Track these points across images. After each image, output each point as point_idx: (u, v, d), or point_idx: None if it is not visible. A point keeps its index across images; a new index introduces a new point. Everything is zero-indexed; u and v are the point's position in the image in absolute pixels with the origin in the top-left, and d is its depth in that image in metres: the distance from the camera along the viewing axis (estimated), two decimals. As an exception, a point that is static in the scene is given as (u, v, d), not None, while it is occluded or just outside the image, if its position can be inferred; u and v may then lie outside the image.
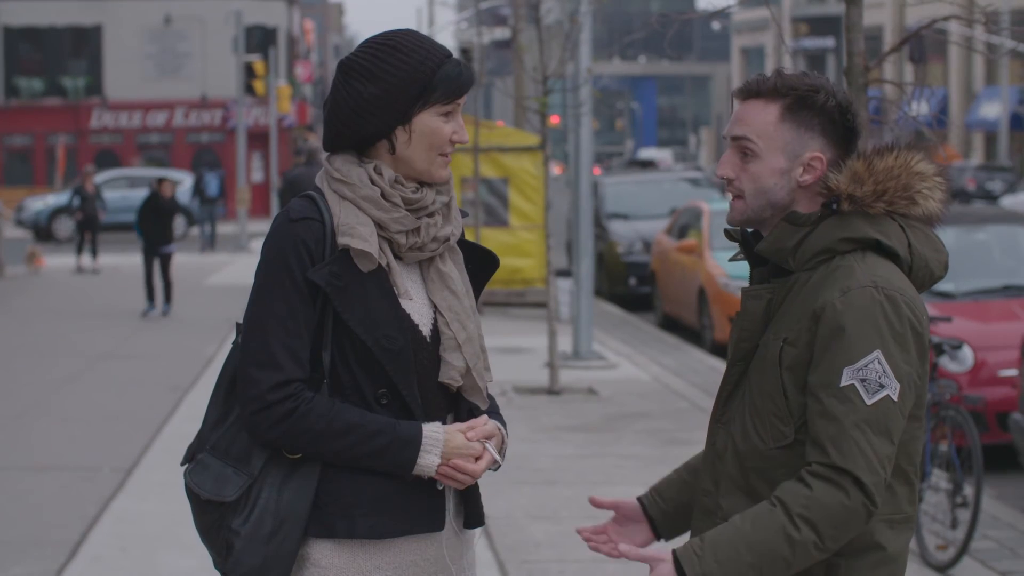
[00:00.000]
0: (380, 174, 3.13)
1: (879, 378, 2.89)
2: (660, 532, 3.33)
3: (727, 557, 2.87)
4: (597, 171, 37.77)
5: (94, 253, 27.39)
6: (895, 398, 2.90)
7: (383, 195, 3.11)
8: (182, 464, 3.23)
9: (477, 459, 3.14)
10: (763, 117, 3.04)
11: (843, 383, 2.89)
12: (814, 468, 2.90)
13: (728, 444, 3.08)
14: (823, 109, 3.02)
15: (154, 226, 20.16)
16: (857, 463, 2.86)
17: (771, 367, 3.00)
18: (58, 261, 28.84)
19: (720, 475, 3.10)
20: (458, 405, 3.21)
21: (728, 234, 3.18)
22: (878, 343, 2.90)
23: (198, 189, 34.99)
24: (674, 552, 2.89)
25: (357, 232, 3.07)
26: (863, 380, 2.89)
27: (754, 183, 3.05)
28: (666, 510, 3.31)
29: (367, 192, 3.11)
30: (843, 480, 2.87)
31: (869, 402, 2.88)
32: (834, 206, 3.02)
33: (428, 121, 3.12)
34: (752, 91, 3.07)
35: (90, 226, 27.43)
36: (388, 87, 3.09)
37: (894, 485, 3.00)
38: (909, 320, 2.94)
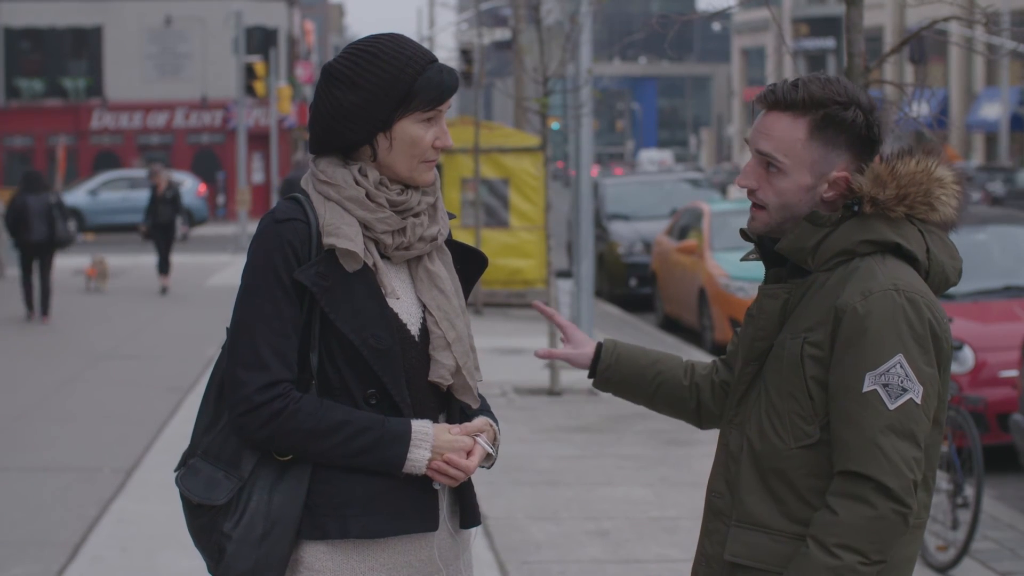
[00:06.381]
0: (365, 176, 3.12)
1: (901, 382, 2.87)
2: (593, 374, 3.41)
3: None
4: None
5: (166, 268, 22.34)
6: (918, 401, 2.89)
7: (368, 196, 3.11)
8: (175, 470, 3.22)
9: (469, 455, 3.12)
10: (791, 134, 2.99)
11: (865, 389, 2.87)
12: (835, 487, 2.88)
13: (743, 446, 3.06)
14: (852, 125, 2.98)
15: None
16: (881, 468, 2.84)
17: (791, 366, 2.97)
18: (58, 262, 28.79)
19: (735, 478, 3.07)
20: (449, 405, 3.20)
21: (744, 233, 3.15)
22: (900, 347, 2.88)
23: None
24: None
25: (342, 232, 3.07)
26: (885, 385, 2.87)
27: (779, 198, 3.02)
28: (614, 367, 3.38)
29: (352, 193, 3.10)
30: (865, 490, 2.85)
31: (892, 407, 2.86)
32: (855, 208, 3.00)
33: (409, 128, 3.11)
34: (779, 102, 3.01)
35: (164, 236, 22.26)
36: (367, 95, 3.08)
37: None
38: (929, 323, 2.93)
